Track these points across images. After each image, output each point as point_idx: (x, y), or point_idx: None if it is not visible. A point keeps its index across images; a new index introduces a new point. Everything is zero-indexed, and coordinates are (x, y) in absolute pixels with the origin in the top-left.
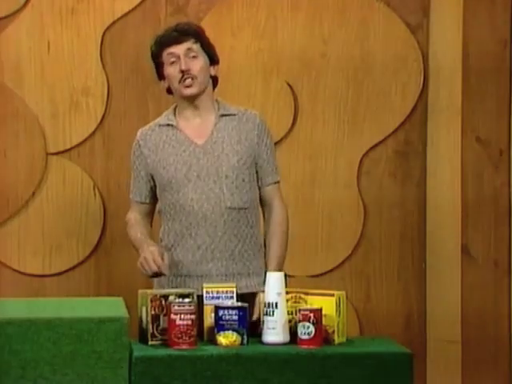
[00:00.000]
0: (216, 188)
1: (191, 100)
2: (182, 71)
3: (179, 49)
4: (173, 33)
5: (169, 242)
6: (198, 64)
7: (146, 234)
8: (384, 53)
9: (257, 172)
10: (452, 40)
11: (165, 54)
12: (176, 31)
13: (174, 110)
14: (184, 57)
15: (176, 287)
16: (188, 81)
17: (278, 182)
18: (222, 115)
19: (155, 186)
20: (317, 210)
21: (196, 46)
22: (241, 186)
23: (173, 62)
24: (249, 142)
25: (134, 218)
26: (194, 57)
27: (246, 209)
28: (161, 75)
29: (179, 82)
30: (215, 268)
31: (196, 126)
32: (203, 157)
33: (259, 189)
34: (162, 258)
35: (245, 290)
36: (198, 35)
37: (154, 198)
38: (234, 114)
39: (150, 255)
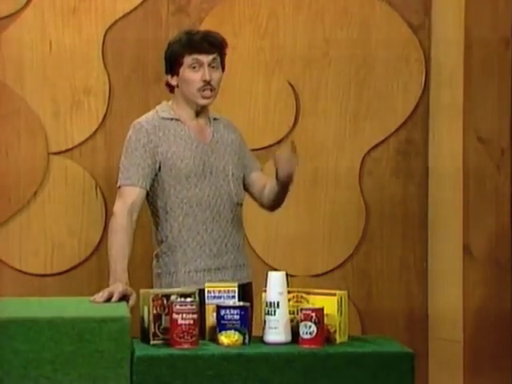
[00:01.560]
0: (225, 185)
1: (201, 106)
2: (205, 81)
3: (205, 58)
4: (203, 42)
5: (180, 239)
6: (218, 75)
7: (125, 256)
8: (386, 52)
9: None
10: (454, 39)
11: (189, 57)
12: (207, 42)
13: (170, 105)
14: (207, 66)
15: (196, 282)
16: (207, 92)
17: None
18: (214, 119)
19: (155, 176)
20: (318, 209)
21: (218, 58)
22: (241, 183)
23: (195, 67)
24: (236, 144)
25: (124, 221)
26: (214, 67)
27: (242, 204)
28: (173, 71)
29: (198, 89)
30: (230, 260)
31: (199, 126)
32: (211, 155)
33: (248, 178)
34: (128, 298)
35: (246, 280)
36: (223, 49)
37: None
38: (218, 119)
39: (111, 293)
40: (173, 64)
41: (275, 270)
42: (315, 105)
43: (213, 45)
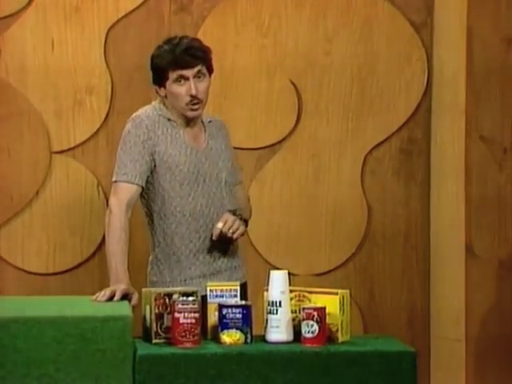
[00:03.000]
0: (218, 193)
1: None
2: (192, 95)
3: (190, 72)
4: (186, 57)
5: (173, 246)
6: (205, 85)
7: (125, 256)
8: (388, 51)
9: None
10: (456, 38)
11: (174, 73)
12: (189, 55)
13: (165, 105)
14: (193, 78)
15: None
16: (196, 106)
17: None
18: (208, 121)
19: (151, 179)
20: (321, 208)
21: (203, 68)
22: (232, 189)
23: (180, 81)
24: (228, 147)
25: (122, 218)
26: (200, 77)
27: (235, 210)
28: (160, 84)
29: (187, 104)
30: (224, 264)
31: (193, 132)
32: (205, 162)
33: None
34: (130, 297)
35: (242, 281)
36: (207, 58)
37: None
38: (211, 121)
39: (113, 292)
40: (159, 77)
41: (277, 268)
42: (317, 104)
43: (196, 57)
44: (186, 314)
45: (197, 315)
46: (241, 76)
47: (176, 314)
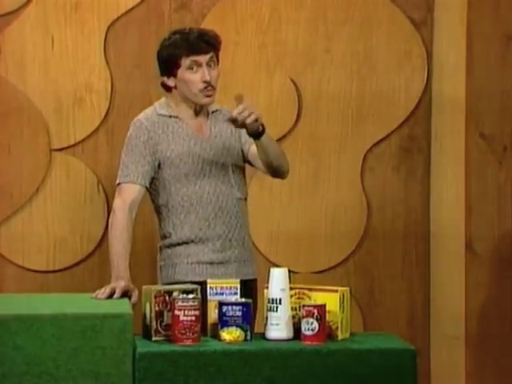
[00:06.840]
0: (225, 181)
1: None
2: (206, 81)
3: (203, 58)
4: (200, 43)
5: (183, 235)
6: (216, 73)
7: (127, 254)
8: (388, 49)
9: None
10: (456, 36)
11: (187, 59)
12: (203, 42)
13: (168, 102)
14: (205, 65)
15: (198, 275)
16: (210, 92)
17: None
18: (212, 112)
19: (156, 174)
20: (320, 205)
21: (214, 56)
22: (243, 177)
23: (193, 68)
24: (237, 133)
25: (125, 218)
26: (211, 66)
27: (246, 199)
28: (170, 73)
29: (200, 90)
30: (233, 255)
31: (198, 122)
32: (210, 151)
33: (249, 153)
34: (130, 295)
35: (251, 277)
36: (219, 47)
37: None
38: (218, 110)
39: (112, 289)
40: (169, 66)
41: (277, 266)
42: (317, 101)
43: (209, 44)
44: (186, 312)
45: (197, 313)
46: (240, 74)
47: (176, 312)
